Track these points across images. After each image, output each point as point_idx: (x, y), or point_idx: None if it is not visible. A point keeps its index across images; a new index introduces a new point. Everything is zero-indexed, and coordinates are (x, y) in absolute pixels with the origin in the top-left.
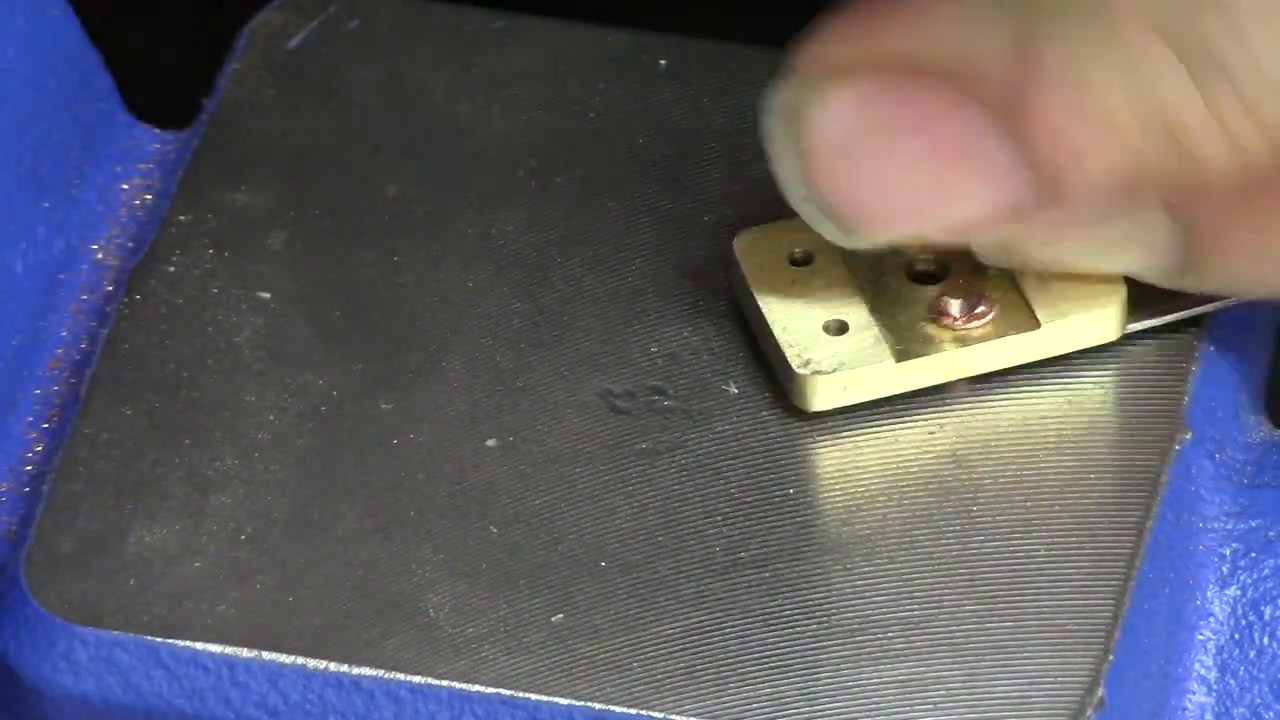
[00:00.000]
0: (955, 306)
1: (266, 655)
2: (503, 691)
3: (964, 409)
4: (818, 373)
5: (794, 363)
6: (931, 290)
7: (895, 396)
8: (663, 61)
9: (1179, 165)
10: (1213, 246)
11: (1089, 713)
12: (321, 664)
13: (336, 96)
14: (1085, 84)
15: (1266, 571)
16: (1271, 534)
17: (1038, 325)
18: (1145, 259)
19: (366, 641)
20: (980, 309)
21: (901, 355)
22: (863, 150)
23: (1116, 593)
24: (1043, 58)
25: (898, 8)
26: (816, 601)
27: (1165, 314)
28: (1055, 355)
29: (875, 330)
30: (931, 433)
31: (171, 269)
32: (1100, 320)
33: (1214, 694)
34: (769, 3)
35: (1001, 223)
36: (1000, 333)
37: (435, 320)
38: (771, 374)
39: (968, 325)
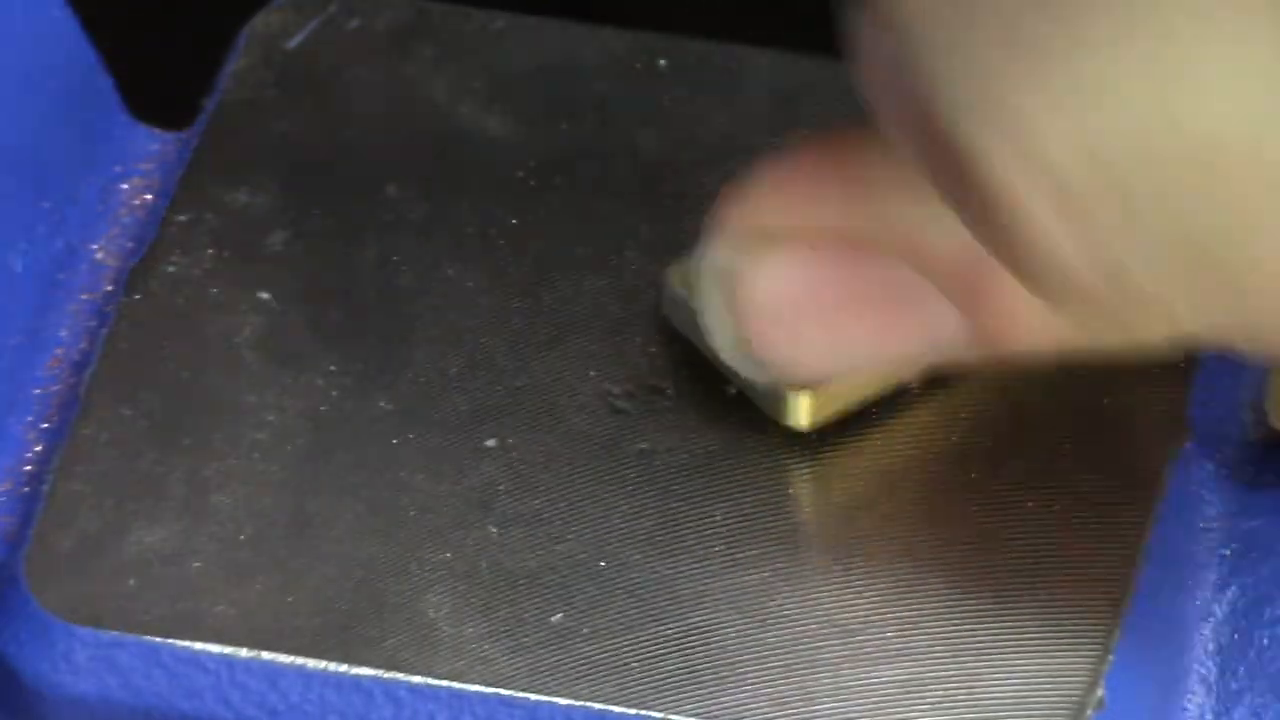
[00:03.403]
0: None
1: (266, 655)
2: (502, 691)
3: (963, 408)
4: (804, 387)
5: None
6: None
7: (896, 395)
8: (663, 61)
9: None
10: None
11: (1089, 713)
12: (321, 664)
13: (336, 96)
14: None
15: (1266, 572)
16: (1271, 534)
17: None
18: None
19: (366, 641)
20: None
21: None
22: (802, 315)
23: (1116, 593)
24: None
25: (836, 175)
26: (816, 602)
27: None
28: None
29: None
30: (931, 432)
31: (171, 269)
32: None
33: (1214, 694)
34: (769, 3)
35: (934, 359)
36: None
37: (435, 320)
38: None
39: None
